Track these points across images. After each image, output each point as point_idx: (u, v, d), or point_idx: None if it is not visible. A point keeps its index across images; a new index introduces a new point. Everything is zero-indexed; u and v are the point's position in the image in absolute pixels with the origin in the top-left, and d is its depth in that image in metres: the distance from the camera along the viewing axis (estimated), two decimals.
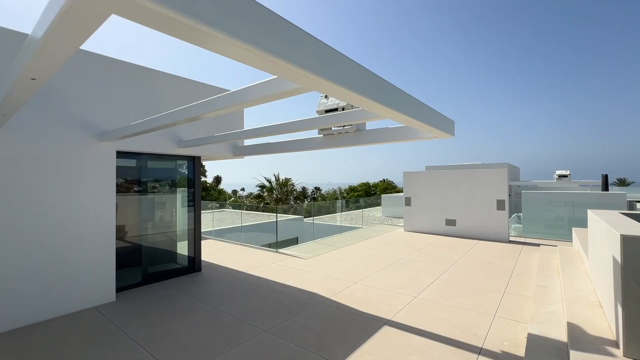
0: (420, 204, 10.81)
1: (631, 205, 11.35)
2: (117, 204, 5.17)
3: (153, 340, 3.73)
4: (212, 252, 8.34)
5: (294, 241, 12.86)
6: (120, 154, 5.35)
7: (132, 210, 5.71)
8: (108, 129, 4.94)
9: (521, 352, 3.26)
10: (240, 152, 6.75)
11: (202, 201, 7.36)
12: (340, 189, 45.03)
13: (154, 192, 6.03)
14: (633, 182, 39.86)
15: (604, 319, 3.22)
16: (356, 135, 4.66)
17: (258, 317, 4.31)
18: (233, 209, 20.52)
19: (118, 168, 5.27)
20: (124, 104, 5.16)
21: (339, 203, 22.33)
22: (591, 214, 4.25)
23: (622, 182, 38.98)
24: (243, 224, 12.70)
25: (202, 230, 7.76)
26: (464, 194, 9.89)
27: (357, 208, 22.11)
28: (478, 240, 9.19)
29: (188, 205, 6.51)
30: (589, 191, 13.22)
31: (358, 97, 1.99)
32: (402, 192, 11.96)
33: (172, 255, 6.39)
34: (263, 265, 6.98)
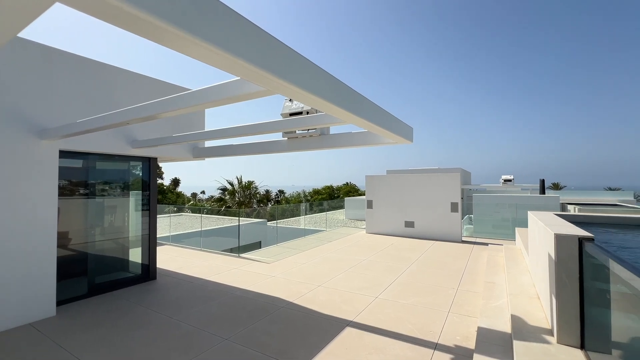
0: (381, 207, 11.17)
1: (563, 207, 12.69)
2: (59, 209, 4.71)
3: (99, 356, 3.44)
4: (169, 258, 7.90)
5: (257, 245, 12.61)
6: (65, 154, 4.89)
7: (77, 216, 5.23)
8: (50, 126, 4.50)
9: (472, 344, 3.49)
10: (201, 153, 6.50)
11: (158, 205, 6.95)
12: (304, 192, 45.07)
13: (103, 196, 5.58)
14: (565, 186, 44.87)
15: (541, 310, 3.56)
16: (320, 139, 4.72)
17: (218, 325, 4.16)
18: (192, 212, 19.63)
19: (61, 169, 4.80)
20: (69, 99, 4.73)
21: (303, 206, 22.34)
22: (531, 215, 4.70)
23: (556, 186, 43.55)
24: (203, 229, 12.20)
25: (158, 236, 7.32)
26: (422, 197, 10.41)
27: (321, 211, 22.28)
28: (434, 241, 9.71)
29: (142, 209, 6.12)
30: (529, 194, 14.57)
31: (322, 102, 2.03)
32: (364, 195, 12.29)
33: (124, 263, 5.95)
34: (224, 271, 6.75)
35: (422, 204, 10.39)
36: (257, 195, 33.67)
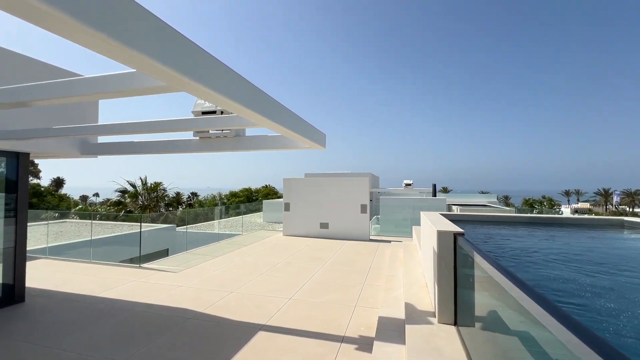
0: (298, 209, 11.42)
1: (449, 207, 15.06)
2: None
3: None
4: (46, 275, 6.56)
5: (164, 253, 11.43)
6: None
7: None
8: None
9: (374, 333, 3.85)
10: (92, 150, 5.62)
11: (32, 210, 5.71)
12: (220, 194, 42.84)
13: None
14: (452, 190, 53.46)
15: (428, 296, 4.16)
16: (235, 140, 4.60)
17: (112, 348, 3.64)
18: (81, 218, 16.68)
19: None
20: None
21: (218, 209, 21.22)
22: (422, 215, 5.46)
23: (445, 190, 51.44)
24: (95, 237, 10.49)
25: (30, 248, 6.02)
26: (335, 199, 11.03)
27: (238, 214, 21.53)
28: (346, 241, 10.37)
29: (5, 216, 4.95)
30: (424, 197, 16.83)
31: (231, 103, 2.00)
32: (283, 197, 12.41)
33: None
34: (120, 284, 5.94)
35: (336, 206, 11.00)
36: (166, 198, 30.58)
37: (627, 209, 65.45)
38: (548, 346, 1.56)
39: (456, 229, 3.41)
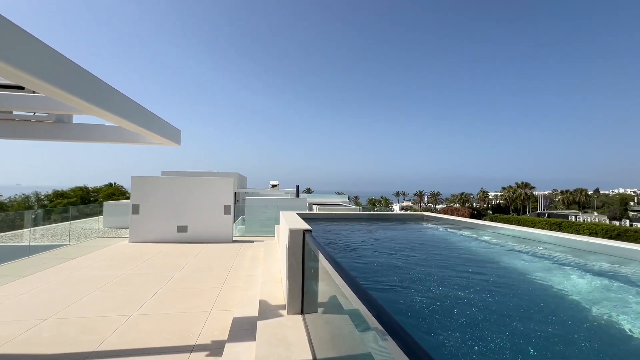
0: (151, 212, 10.04)
1: (310, 207, 16.48)
2: None
3: None
4: None
5: None
6: None
7: None
8: None
9: (227, 336, 3.80)
10: None
11: None
12: (37, 194, 32.82)
13: None
14: (314, 191, 58.78)
15: (282, 291, 4.43)
16: (55, 127, 3.68)
17: None
18: None
19: None
20: None
21: (32, 214, 16.21)
22: (281, 214, 5.78)
23: (308, 191, 56.06)
24: None
25: None
26: (197, 200, 10.28)
27: (66, 219, 17.07)
28: (207, 244, 9.81)
29: None
30: (289, 197, 17.81)
31: (34, 81, 1.59)
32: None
33: None
34: None
35: (197, 207, 10.26)
36: None
37: (432, 205, 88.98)
38: (361, 319, 1.95)
39: (305, 226, 3.78)
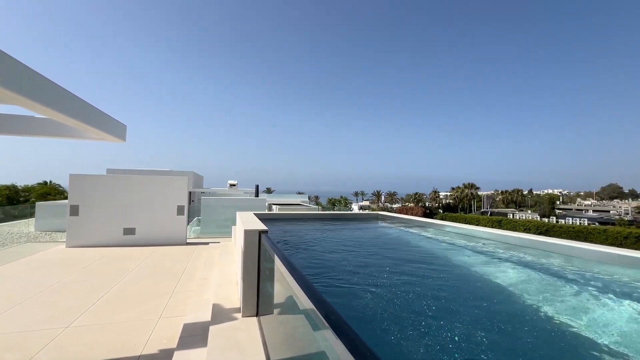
0: (93, 213, 9.19)
1: (270, 207, 16.25)
2: None
3: None
4: None
5: None
6: None
7: None
8: None
9: (176, 343, 3.61)
10: None
11: None
12: None
13: None
14: (275, 190, 58.21)
15: (237, 293, 4.32)
16: None
17: None
18: None
19: None
20: None
21: None
22: (237, 215, 5.63)
23: (269, 190, 55.36)
24: None
25: None
26: (147, 200, 9.62)
27: None
28: (158, 246, 9.23)
29: None
30: (248, 197, 17.41)
31: None
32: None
33: None
34: None
35: (147, 207, 9.60)
36: None
37: (389, 204, 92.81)
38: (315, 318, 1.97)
39: (262, 227, 3.72)
